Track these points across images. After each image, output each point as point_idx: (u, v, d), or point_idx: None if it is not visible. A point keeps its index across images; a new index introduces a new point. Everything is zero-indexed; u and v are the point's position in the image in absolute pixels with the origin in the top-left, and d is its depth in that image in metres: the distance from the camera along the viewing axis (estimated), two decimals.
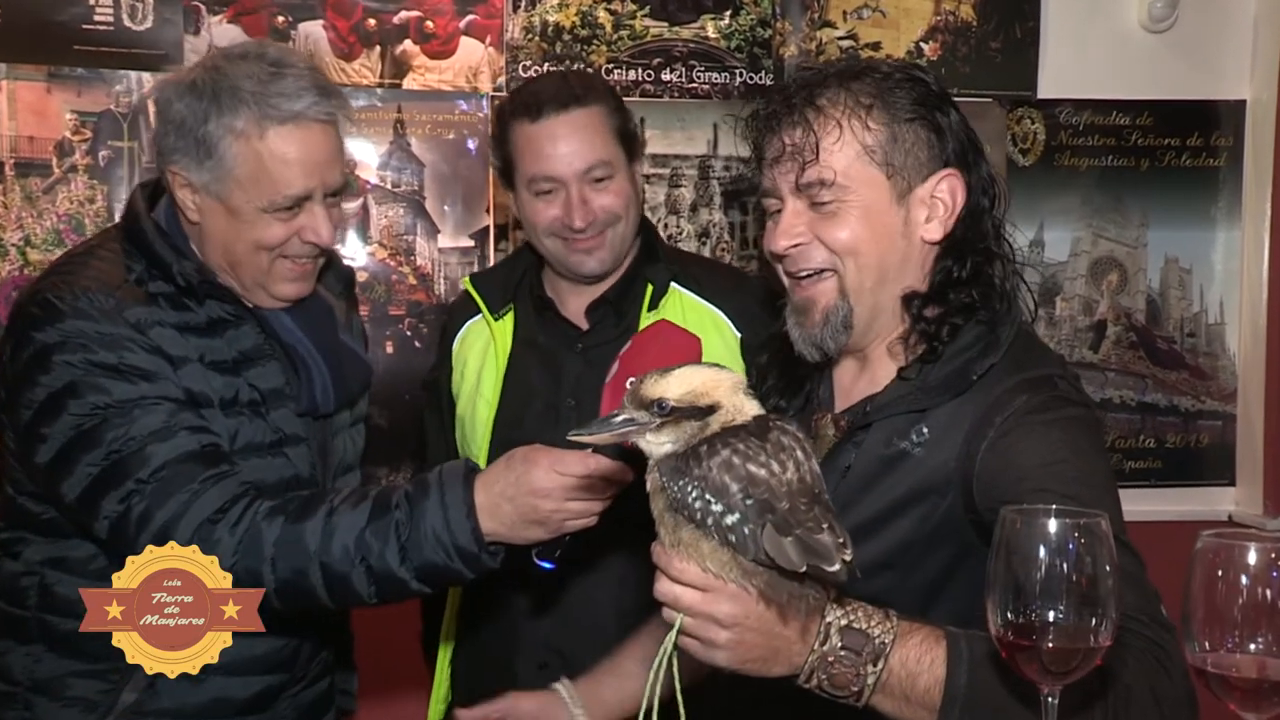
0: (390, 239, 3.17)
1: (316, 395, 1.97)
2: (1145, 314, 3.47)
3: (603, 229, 2.30)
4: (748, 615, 1.38)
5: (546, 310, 2.40)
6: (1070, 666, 1.23)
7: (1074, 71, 3.39)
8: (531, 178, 2.29)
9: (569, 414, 2.32)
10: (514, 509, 1.73)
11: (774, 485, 1.33)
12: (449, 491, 1.75)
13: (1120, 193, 3.44)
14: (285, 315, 1.97)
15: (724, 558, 1.36)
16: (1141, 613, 1.42)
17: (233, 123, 1.84)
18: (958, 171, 1.67)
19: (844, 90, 1.66)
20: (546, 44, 3.19)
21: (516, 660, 2.30)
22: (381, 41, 3.14)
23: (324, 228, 1.92)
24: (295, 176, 1.87)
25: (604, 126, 2.30)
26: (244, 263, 1.91)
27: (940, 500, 1.59)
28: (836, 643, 1.41)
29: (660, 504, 1.40)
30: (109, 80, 2.98)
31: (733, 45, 3.27)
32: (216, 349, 1.89)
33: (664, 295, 2.35)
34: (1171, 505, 3.38)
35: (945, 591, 1.61)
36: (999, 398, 1.58)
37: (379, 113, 3.14)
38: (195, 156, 1.86)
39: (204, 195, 1.89)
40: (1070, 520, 1.24)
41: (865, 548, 1.60)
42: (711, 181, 3.28)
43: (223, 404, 1.88)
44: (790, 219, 1.69)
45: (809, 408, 1.79)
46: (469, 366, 2.43)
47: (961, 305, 1.65)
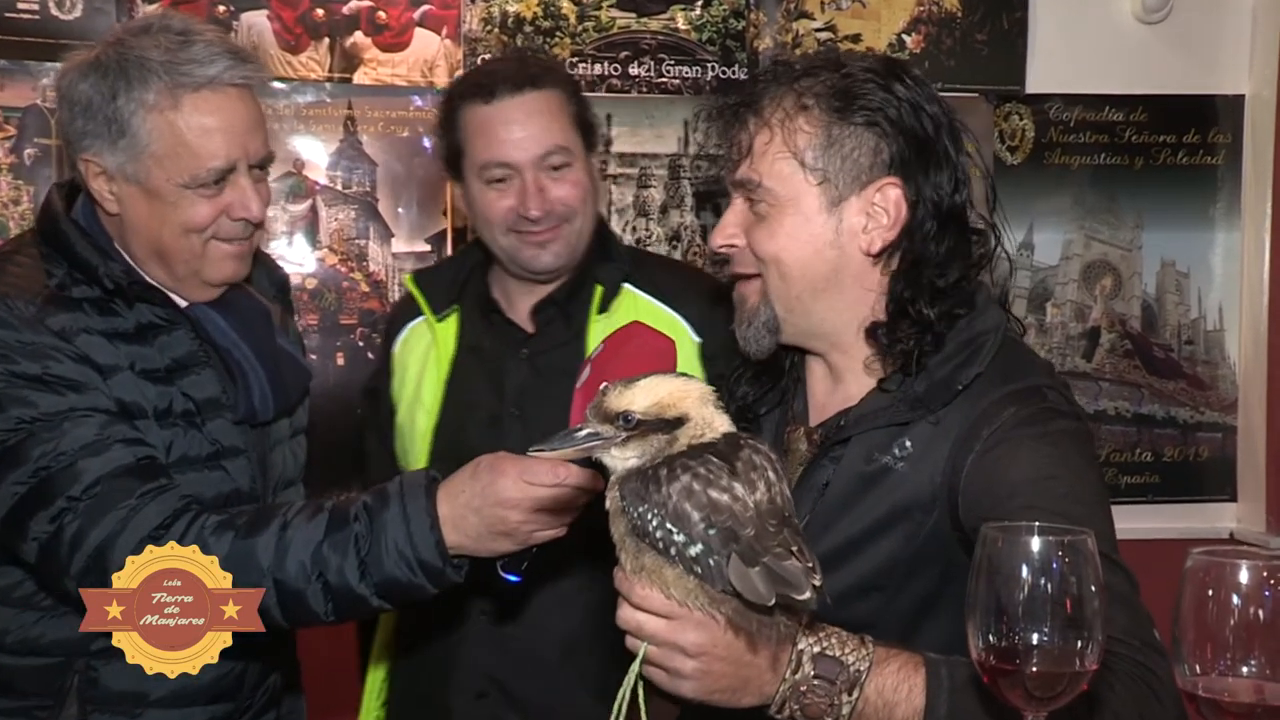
0: (341, 244, 3.16)
1: (254, 402, 1.96)
2: (1141, 320, 3.49)
3: (558, 222, 2.28)
4: (715, 644, 1.38)
5: (492, 312, 2.39)
6: (1055, 691, 1.24)
7: (1064, 65, 3.42)
8: (484, 164, 2.27)
9: (513, 424, 2.31)
10: (480, 520, 1.73)
11: (738, 511, 1.33)
12: (411, 503, 1.75)
13: (1114, 192, 3.46)
14: (219, 318, 1.96)
15: (689, 585, 1.37)
16: (1131, 635, 1.43)
17: (144, 96, 1.83)
18: (901, 181, 1.66)
19: (790, 90, 1.68)
20: (507, 36, 3.19)
21: (450, 690, 2.28)
22: (330, 33, 3.14)
23: (253, 201, 1.91)
24: (217, 146, 1.86)
25: (562, 111, 2.29)
26: (173, 250, 1.90)
27: (925, 518, 1.60)
28: (809, 671, 1.42)
29: (621, 527, 1.40)
30: (35, 73, 2.96)
31: (704, 38, 3.28)
32: (148, 356, 1.88)
33: (615, 297, 2.34)
34: (1170, 522, 3.41)
35: (932, 614, 1.61)
36: (986, 410, 1.59)
37: (328, 109, 3.13)
38: (107, 138, 1.85)
39: (121, 181, 1.87)
40: (1054, 538, 1.24)
41: (847, 570, 1.61)
42: (682, 182, 3.28)
43: (156, 415, 1.87)
44: (729, 217, 1.73)
45: (784, 418, 1.80)
46: (409, 372, 2.41)
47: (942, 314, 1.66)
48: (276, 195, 3.10)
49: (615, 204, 3.27)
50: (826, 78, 1.67)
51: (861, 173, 1.66)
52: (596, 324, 2.31)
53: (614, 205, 3.26)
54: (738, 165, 1.69)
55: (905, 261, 1.68)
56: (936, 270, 1.66)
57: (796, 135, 1.66)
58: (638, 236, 3.26)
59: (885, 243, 1.67)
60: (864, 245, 1.68)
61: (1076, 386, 3.40)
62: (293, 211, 3.15)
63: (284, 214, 3.13)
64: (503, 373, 2.34)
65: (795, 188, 1.66)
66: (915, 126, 1.66)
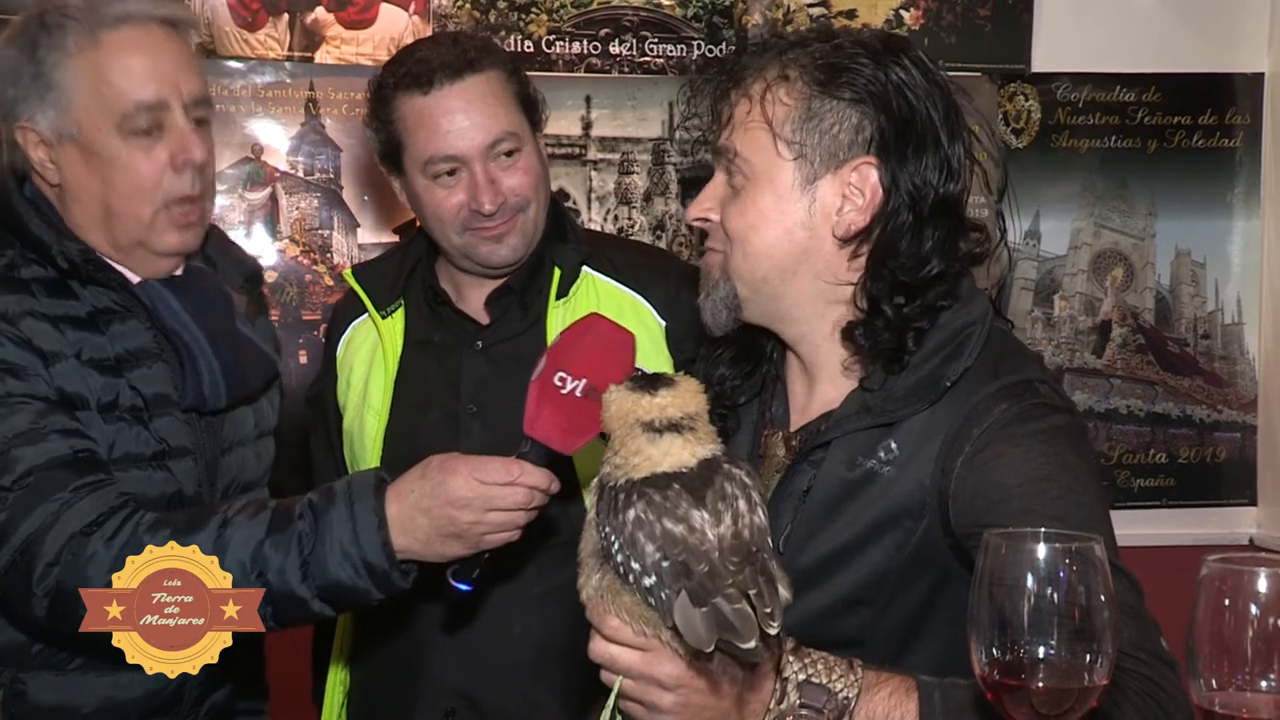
0: (303, 234, 3.15)
1: (204, 388, 1.95)
2: (1154, 313, 3.50)
3: (513, 214, 2.27)
4: (692, 676, 1.39)
5: (441, 304, 2.37)
6: (1063, 709, 1.23)
7: (1072, 42, 3.42)
8: (428, 159, 2.25)
9: (469, 422, 2.30)
10: (430, 522, 1.74)
11: (693, 544, 1.34)
12: (358, 502, 1.77)
13: (1125, 178, 3.47)
14: (172, 298, 1.96)
15: (647, 614, 1.38)
16: (1139, 648, 1.43)
17: (63, 43, 1.88)
18: (877, 161, 1.65)
19: (777, 60, 1.68)
20: (479, 12, 3.18)
21: (417, 707, 2.26)
22: (290, 9, 3.12)
23: (195, 145, 1.93)
24: (143, 81, 1.90)
25: (505, 93, 2.27)
26: (119, 215, 1.92)
27: (915, 524, 1.59)
28: (795, 700, 1.43)
29: (589, 543, 1.42)
30: None
31: (690, 14, 3.27)
32: (97, 345, 1.89)
33: (575, 281, 2.33)
34: (1186, 528, 3.41)
35: (926, 628, 1.61)
36: (975, 407, 1.59)
37: (288, 90, 3.12)
38: (36, 96, 1.90)
39: (58, 146, 1.90)
40: (1061, 545, 1.24)
41: (832, 584, 1.61)
42: (667, 168, 3.28)
43: (101, 407, 1.87)
44: (707, 190, 1.74)
45: (761, 422, 1.80)
46: (355, 374, 2.39)
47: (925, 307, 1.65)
48: (233, 182, 3.09)
49: (596, 191, 3.26)
50: (815, 49, 1.67)
51: (840, 150, 1.65)
52: (555, 310, 2.30)
53: (594, 193, 3.25)
54: (718, 134, 1.71)
55: (877, 252, 1.66)
56: (911, 265, 1.65)
57: (775, 106, 1.66)
58: (620, 225, 3.25)
59: (857, 227, 1.66)
60: (836, 228, 1.67)
61: (1086, 384, 3.40)
62: (251, 200, 3.13)
63: (241, 202, 3.12)
64: (457, 368, 2.33)
65: (769, 161, 1.66)
66: (902, 106, 1.65)
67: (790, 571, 1.44)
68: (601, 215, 3.24)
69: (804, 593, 1.46)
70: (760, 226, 1.67)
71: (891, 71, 1.65)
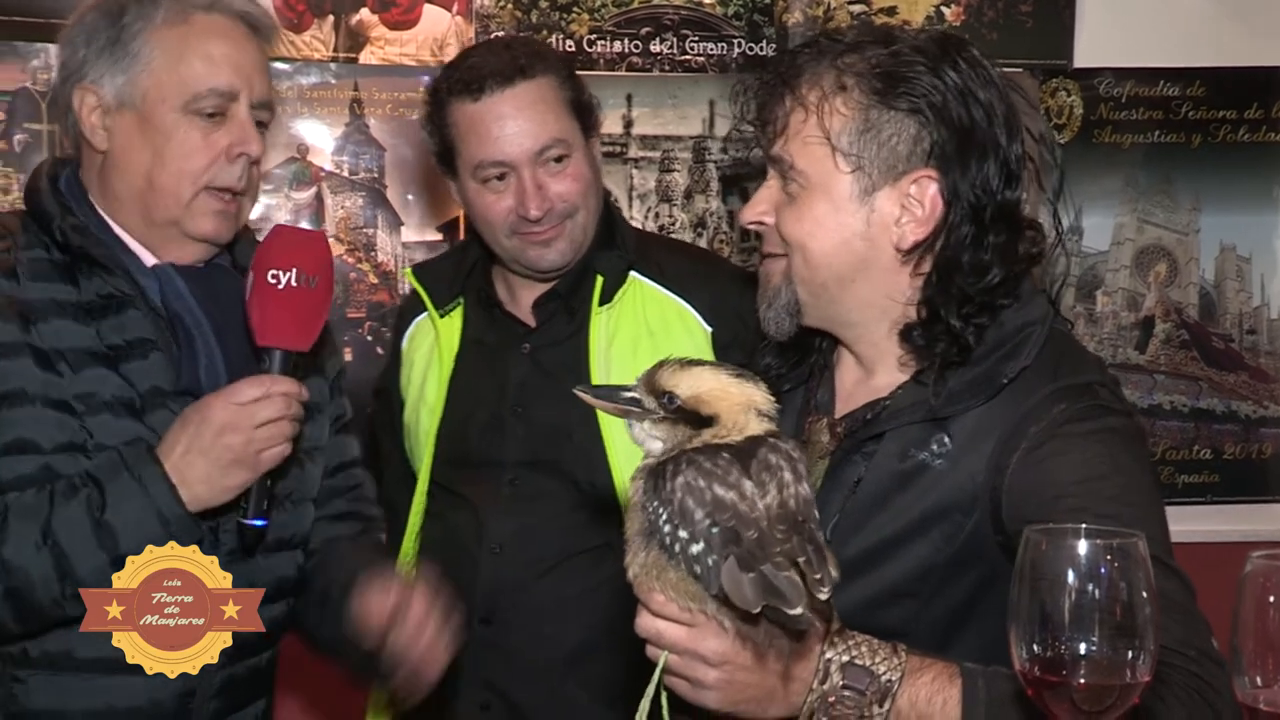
0: (348, 232, 3.17)
1: (200, 371, 1.91)
2: (1198, 309, 3.46)
3: (561, 219, 2.29)
4: (737, 651, 1.38)
5: (494, 307, 2.39)
6: (1104, 705, 1.23)
7: (1115, 37, 3.38)
8: (478, 164, 2.27)
9: (514, 424, 2.32)
10: (205, 460, 1.78)
11: (743, 511, 1.34)
12: (142, 469, 1.78)
13: (1169, 173, 3.43)
14: (181, 283, 1.95)
15: (692, 589, 1.37)
16: (1187, 645, 1.42)
17: (152, 13, 1.91)
18: (938, 175, 1.63)
19: (830, 67, 1.66)
20: (521, 11, 3.19)
21: (456, 701, 2.28)
22: (335, 10, 3.14)
23: (253, 139, 1.94)
24: (220, 69, 1.91)
25: (556, 100, 2.29)
26: (162, 190, 1.92)
27: (965, 519, 1.59)
28: (838, 681, 1.42)
29: (635, 524, 1.41)
30: (24, 54, 2.97)
31: (730, 12, 3.26)
32: (85, 335, 1.87)
33: (620, 286, 2.35)
34: (1231, 524, 3.37)
35: (969, 624, 1.61)
36: (1034, 406, 1.58)
37: (333, 90, 3.14)
38: (110, 58, 1.91)
39: (116, 112, 1.91)
40: (1102, 541, 1.23)
41: (878, 574, 1.61)
42: (708, 165, 3.28)
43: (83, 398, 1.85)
44: (761, 194, 1.72)
45: (806, 408, 1.80)
46: (415, 369, 2.43)
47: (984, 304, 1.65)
48: (280, 182, 3.11)
49: (637, 189, 3.26)
50: (872, 54, 1.65)
51: (898, 162, 1.64)
52: (599, 316, 2.32)
53: (635, 190, 3.26)
54: (773, 142, 1.69)
55: (939, 265, 1.65)
56: (974, 278, 1.64)
57: (832, 118, 1.64)
58: (661, 223, 3.25)
59: (917, 239, 1.65)
60: (895, 239, 1.66)
61: (1129, 380, 3.37)
62: (297, 199, 3.15)
63: (288, 201, 3.14)
64: (505, 369, 2.35)
65: (826, 173, 1.65)
66: (962, 115, 1.63)
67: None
68: (642, 213, 3.25)
69: (850, 583, 1.45)
70: (818, 234, 1.66)
71: (948, 77, 1.63)
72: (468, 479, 2.35)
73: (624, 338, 2.32)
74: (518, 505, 2.30)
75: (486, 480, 2.33)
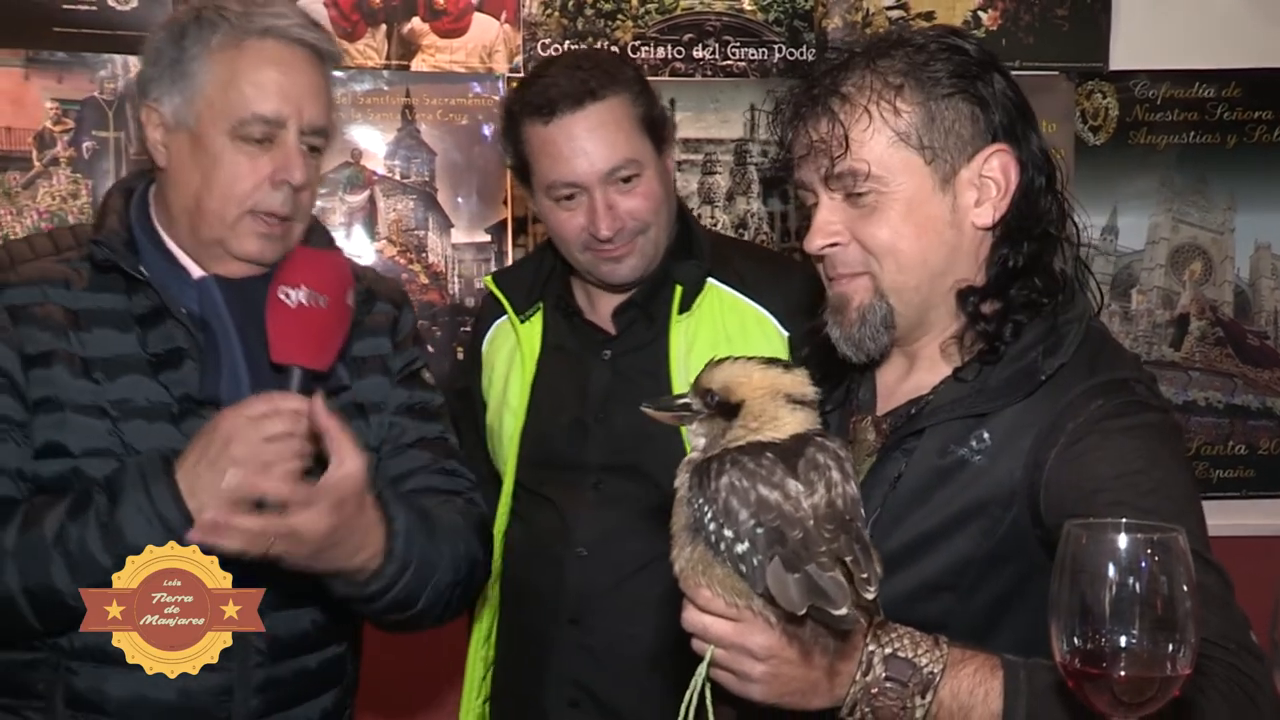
0: (399, 234, 3.17)
1: (221, 384, 1.89)
2: (1233, 306, 3.41)
3: (632, 237, 2.28)
4: (783, 646, 1.37)
5: (573, 315, 2.39)
6: (1145, 697, 1.22)
7: (1150, 40, 3.33)
8: (550, 184, 2.27)
9: (595, 429, 2.32)
10: (212, 472, 1.75)
11: (787, 511, 1.33)
12: (151, 480, 1.77)
13: (1204, 173, 3.37)
14: (219, 295, 1.94)
15: (738, 585, 1.37)
16: (1227, 639, 1.40)
17: (210, 39, 1.91)
18: (1007, 146, 1.64)
19: (870, 72, 1.64)
20: (567, 20, 3.19)
21: (545, 696, 2.30)
22: (387, 19, 3.15)
23: (297, 166, 1.92)
24: (268, 95, 1.90)
25: (626, 119, 2.26)
26: (208, 212, 1.92)
27: (1004, 513, 1.57)
28: (880, 673, 1.41)
29: (681, 519, 1.41)
30: (92, 65, 2.99)
31: (771, 18, 3.25)
32: (125, 342, 1.88)
33: (698, 294, 2.33)
34: (1266, 519, 3.32)
35: (1007, 617, 1.59)
36: (1071, 402, 1.56)
37: (385, 97, 3.15)
38: (170, 79, 1.92)
39: (173, 131, 1.92)
40: (1142, 536, 1.22)
41: (917, 568, 1.60)
42: (749, 168, 3.26)
43: (120, 404, 1.86)
44: (826, 216, 1.67)
45: (848, 407, 1.78)
46: (496, 371, 2.43)
47: (1025, 301, 1.63)
48: (334, 186, 3.13)
49: (680, 191, 3.25)
50: (903, 54, 1.64)
51: (966, 144, 1.64)
52: (678, 324, 2.31)
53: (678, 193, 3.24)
54: (834, 161, 1.63)
55: (1011, 230, 1.66)
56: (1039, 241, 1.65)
57: (897, 117, 1.62)
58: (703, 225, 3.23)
59: (1000, 213, 1.65)
60: (978, 219, 1.65)
61: (1164, 376, 3.32)
62: (350, 202, 3.16)
63: (342, 205, 3.15)
64: (587, 375, 2.35)
65: (908, 170, 1.63)
66: (1005, 87, 1.66)
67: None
68: None
69: (890, 576, 1.45)
70: (906, 234, 1.64)
71: (977, 57, 1.66)
72: (552, 481, 2.34)
73: (703, 344, 2.30)
74: (602, 508, 2.30)
75: (571, 483, 2.32)
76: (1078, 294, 1.68)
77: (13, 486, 1.83)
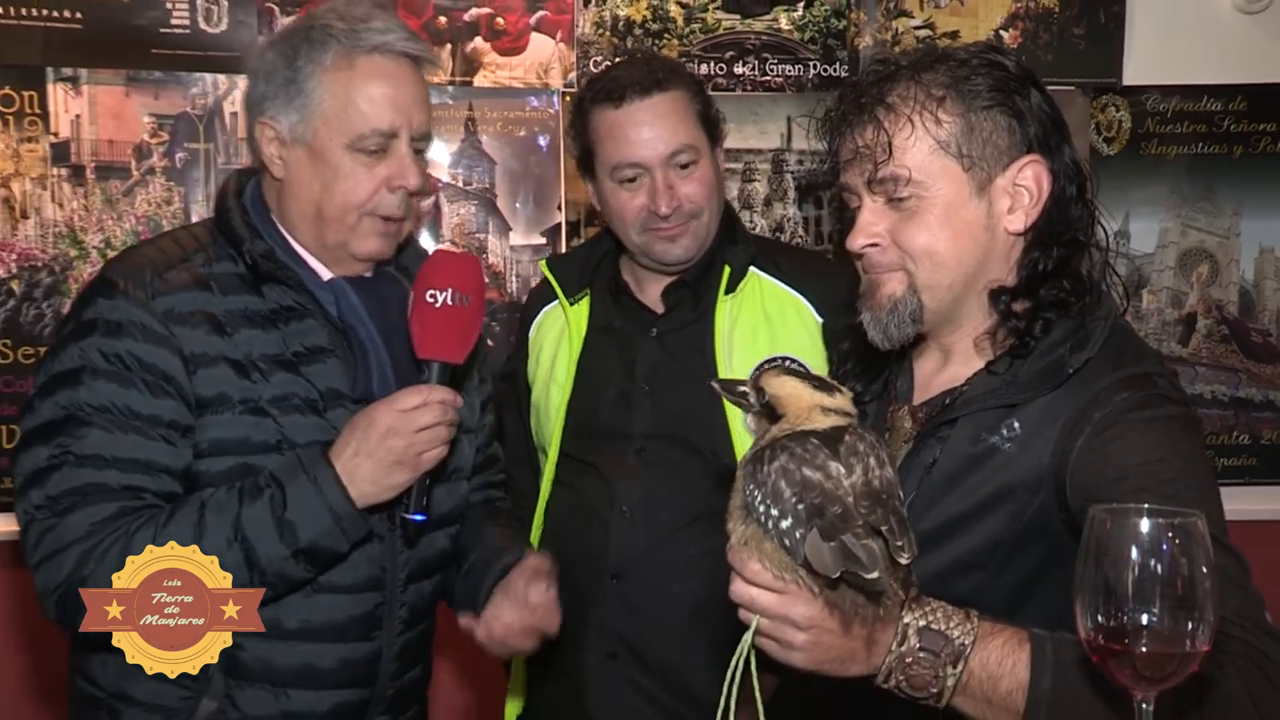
0: (462, 237, 3.20)
1: (373, 383, 1.92)
2: (1238, 306, 3.39)
3: (687, 218, 2.31)
4: (824, 617, 1.38)
5: (623, 294, 2.41)
6: (1165, 672, 1.21)
7: (1162, 57, 3.31)
8: (615, 165, 2.30)
9: (641, 400, 2.33)
10: (371, 462, 1.79)
11: (829, 489, 1.35)
12: (318, 471, 1.79)
13: (1211, 181, 3.36)
14: (354, 296, 1.95)
15: (785, 560, 1.38)
16: (1244, 617, 1.40)
17: (322, 57, 1.89)
18: (1040, 157, 1.64)
19: (914, 83, 1.64)
20: (617, 39, 3.20)
21: (585, 648, 2.31)
22: (452, 39, 3.17)
23: (412, 172, 1.93)
24: (382, 110, 1.89)
25: (687, 111, 2.31)
26: (329, 219, 1.92)
27: (1031, 498, 1.57)
28: (915, 643, 1.42)
29: (737, 500, 1.43)
30: (185, 83, 3.03)
31: (806, 37, 3.25)
32: (272, 341, 1.88)
33: (742, 278, 2.35)
34: (1269, 504, 3.31)
35: (1035, 593, 1.59)
36: (1098, 394, 1.56)
37: (450, 110, 3.17)
38: (285, 97, 1.90)
39: (290, 145, 1.91)
40: (1164, 520, 1.22)
41: (949, 547, 1.60)
42: (785, 176, 3.26)
43: (276, 400, 1.86)
44: (869, 217, 1.68)
45: (886, 397, 1.79)
46: (544, 352, 2.44)
47: (1054, 300, 1.63)
48: None
49: None
50: (946, 68, 1.65)
51: (1002, 154, 1.64)
52: (724, 304, 2.33)
53: None
54: (878, 166, 1.64)
55: (1042, 234, 1.66)
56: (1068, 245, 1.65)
57: (939, 126, 1.62)
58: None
59: (1032, 219, 1.65)
60: (1010, 225, 1.65)
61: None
62: (420, 206, 3.18)
63: None
64: (634, 351, 2.36)
65: (946, 177, 1.63)
66: (1041, 101, 1.65)
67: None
68: None
69: (923, 555, 1.45)
70: (943, 236, 1.64)
71: (1015, 72, 1.66)
72: (597, 449, 2.35)
73: (745, 324, 2.33)
74: (645, 472, 2.30)
75: (616, 450, 2.33)
76: (1105, 295, 1.68)
77: (175, 485, 1.83)
